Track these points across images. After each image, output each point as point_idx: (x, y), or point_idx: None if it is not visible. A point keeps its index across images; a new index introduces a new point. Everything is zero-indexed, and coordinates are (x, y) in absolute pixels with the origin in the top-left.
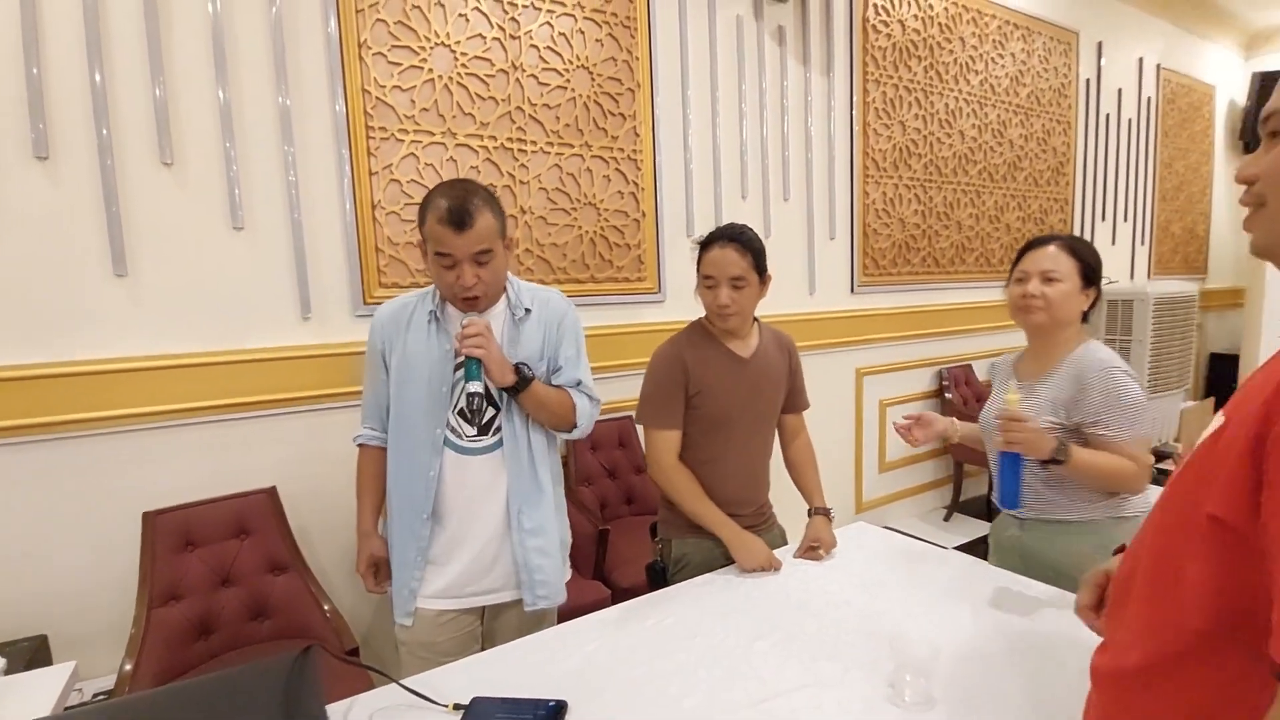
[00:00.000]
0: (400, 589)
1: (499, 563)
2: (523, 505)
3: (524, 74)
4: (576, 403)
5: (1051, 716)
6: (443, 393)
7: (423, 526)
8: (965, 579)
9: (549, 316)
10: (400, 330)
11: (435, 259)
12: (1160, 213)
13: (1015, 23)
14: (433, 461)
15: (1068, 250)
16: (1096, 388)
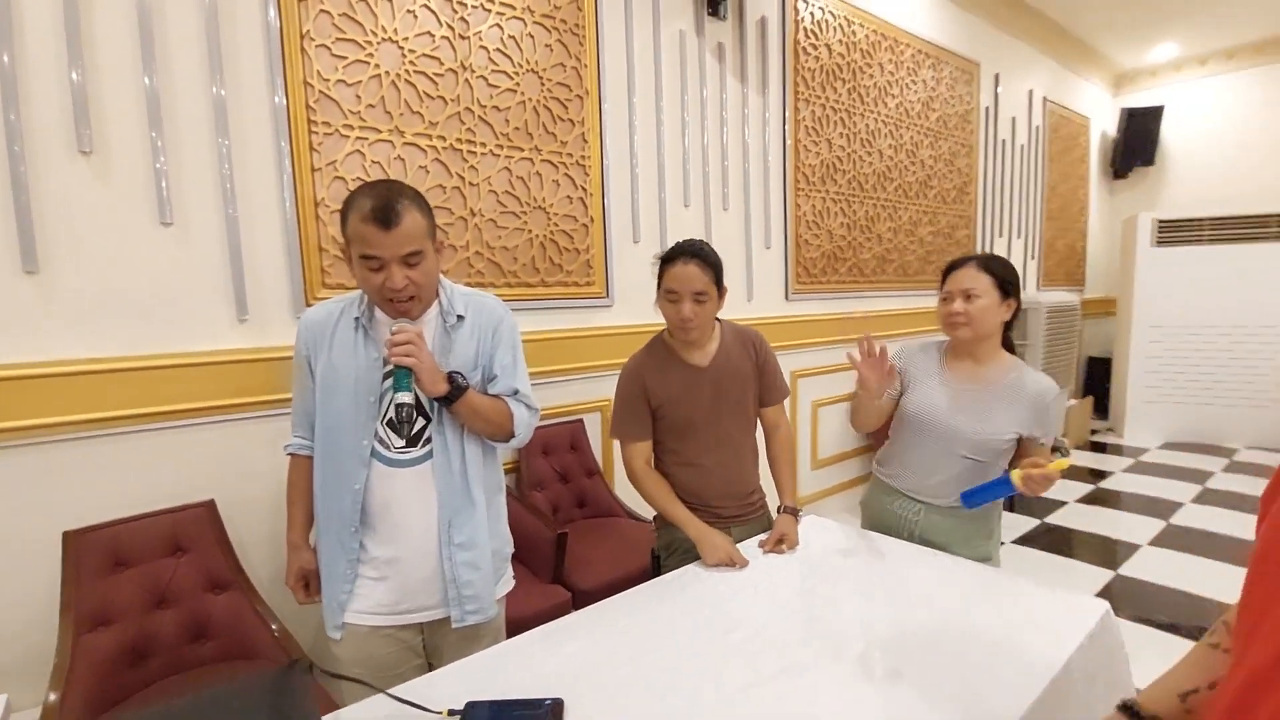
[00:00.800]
0: (329, 602)
1: (432, 578)
2: (453, 518)
3: (473, 75)
4: (514, 412)
5: (1001, 676)
6: (370, 403)
7: (351, 539)
8: (913, 562)
9: (484, 322)
10: (325, 337)
11: (361, 262)
12: (1047, 230)
13: (926, 52)
14: (359, 474)
15: (983, 268)
16: (1050, 411)
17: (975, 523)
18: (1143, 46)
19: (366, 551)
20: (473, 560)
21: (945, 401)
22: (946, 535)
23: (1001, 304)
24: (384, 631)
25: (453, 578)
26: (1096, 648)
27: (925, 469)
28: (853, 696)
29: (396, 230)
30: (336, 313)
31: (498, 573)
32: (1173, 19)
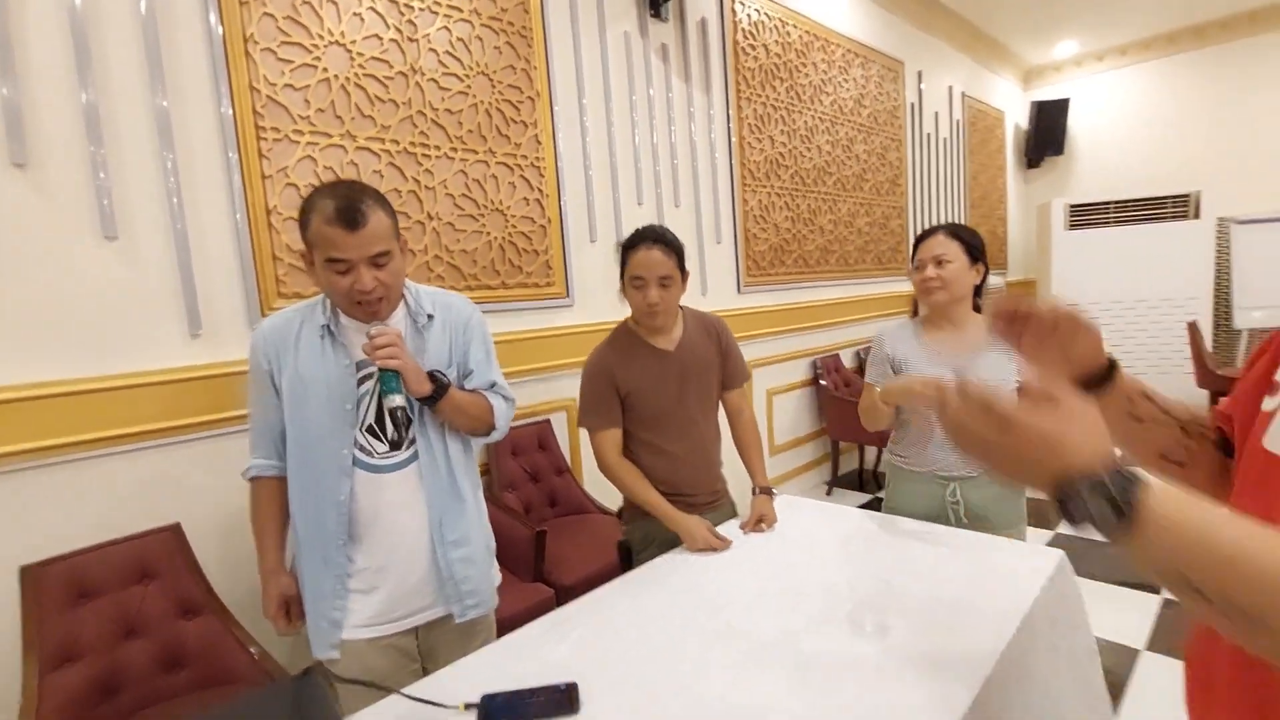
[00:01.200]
0: (318, 621)
1: (426, 579)
2: (444, 517)
3: (424, 77)
4: (493, 404)
5: (978, 622)
6: (346, 410)
7: (339, 554)
8: (881, 531)
9: (454, 320)
10: (289, 348)
11: (326, 266)
12: (971, 218)
13: (855, 51)
14: (342, 485)
15: (951, 235)
16: None
17: (1012, 496)
18: (1047, 44)
19: (354, 564)
20: (468, 555)
21: (939, 371)
22: (985, 508)
23: (971, 268)
24: (382, 642)
25: (450, 575)
26: (1056, 592)
27: (937, 444)
28: (849, 652)
29: (363, 231)
30: (297, 322)
31: (492, 567)
32: (1071, 19)
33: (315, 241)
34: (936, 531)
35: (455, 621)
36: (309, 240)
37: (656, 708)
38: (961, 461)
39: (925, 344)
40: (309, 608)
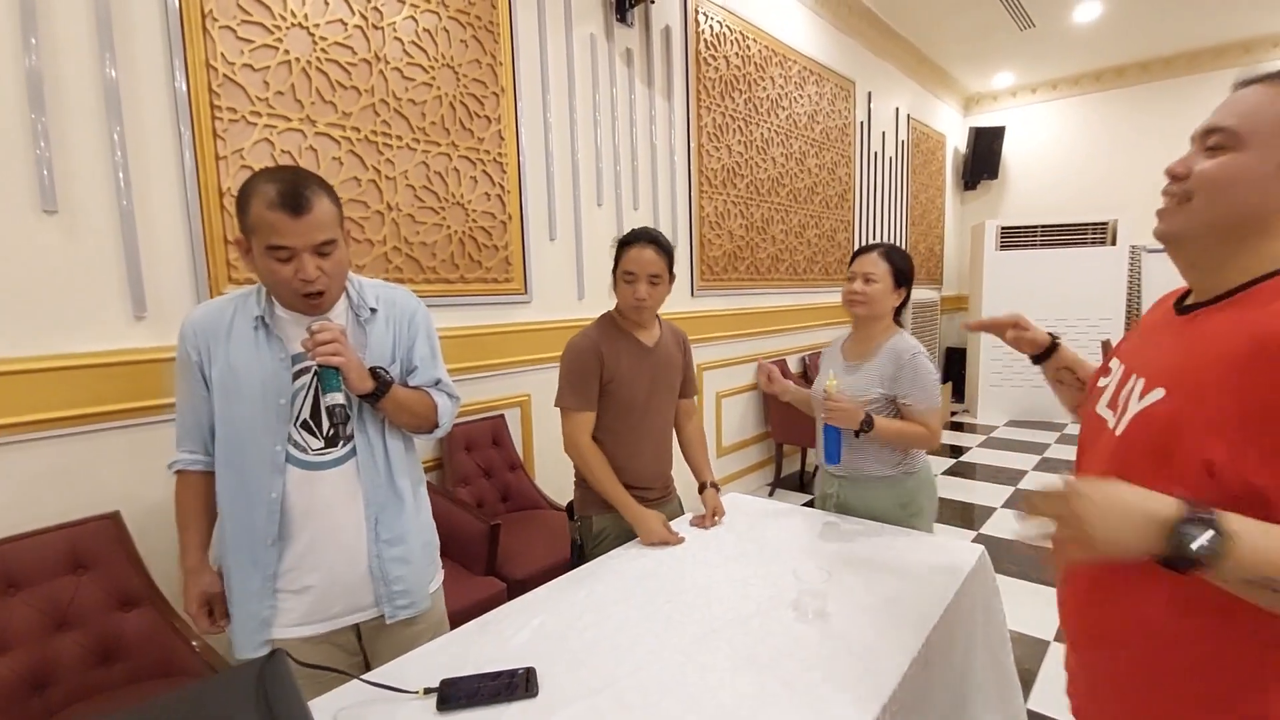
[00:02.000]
0: (245, 621)
1: (363, 578)
2: (380, 515)
3: (388, 66)
4: (438, 402)
5: (909, 607)
6: (280, 405)
7: (267, 553)
8: (823, 526)
9: (398, 315)
10: (219, 339)
11: (267, 253)
12: (911, 234)
13: (810, 69)
14: (274, 482)
15: (884, 257)
16: (906, 368)
17: (889, 495)
18: (987, 74)
19: (284, 563)
20: (402, 555)
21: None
22: (862, 506)
23: (894, 291)
24: (316, 640)
25: (382, 575)
26: (977, 582)
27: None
28: (793, 634)
29: (308, 217)
30: (229, 311)
31: (430, 565)
32: (1007, 53)
33: (255, 227)
34: (874, 528)
35: (387, 622)
36: (248, 226)
37: (613, 689)
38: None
39: (839, 354)
40: (235, 607)
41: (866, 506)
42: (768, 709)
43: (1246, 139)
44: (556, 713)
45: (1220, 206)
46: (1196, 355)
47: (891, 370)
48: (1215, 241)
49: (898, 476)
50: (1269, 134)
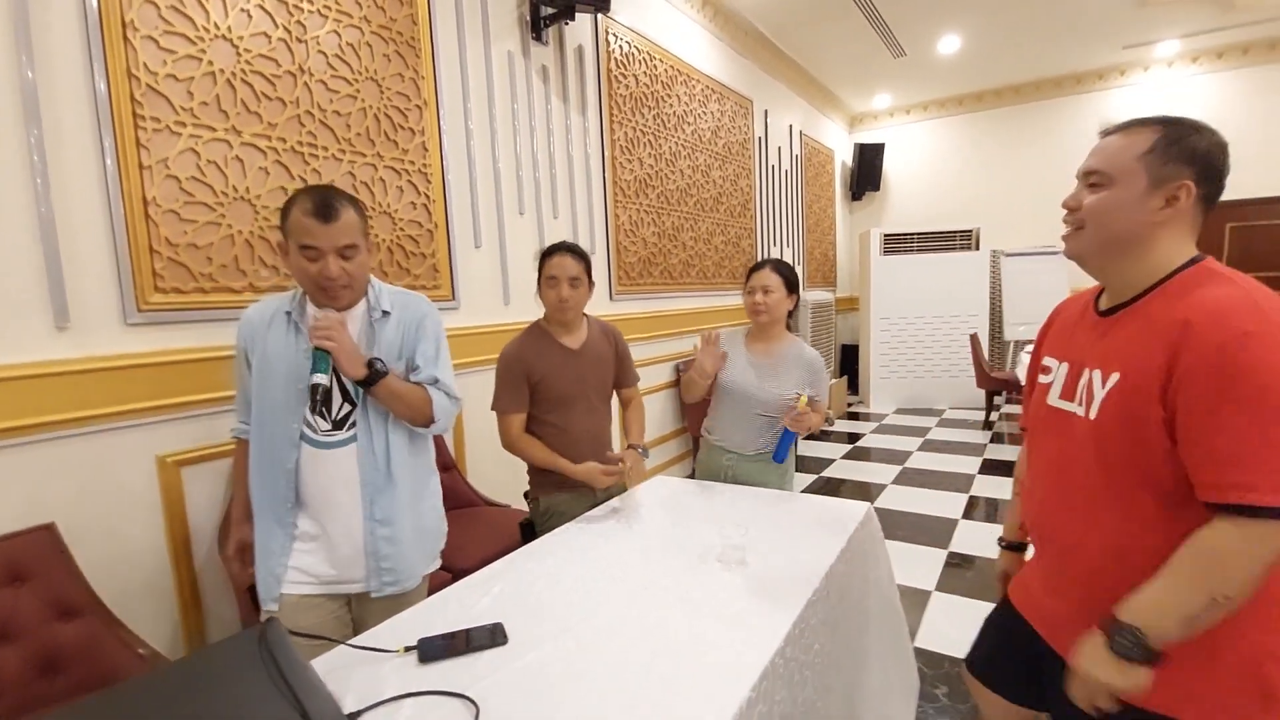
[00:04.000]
0: (265, 576)
1: (357, 553)
2: (374, 497)
3: (312, 78)
4: (434, 398)
5: (811, 554)
6: (299, 390)
7: (288, 514)
8: (736, 496)
9: (409, 318)
10: (261, 333)
11: (299, 252)
12: (807, 241)
13: (712, 87)
14: (290, 455)
15: (775, 270)
16: (820, 374)
17: (774, 471)
18: (868, 95)
19: (299, 527)
20: (391, 535)
21: (747, 374)
22: (752, 477)
23: (787, 298)
24: (313, 600)
25: (373, 550)
26: (864, 535)
27: (734, 427)
28: (720, 580)
29: (335, 224)
30: (271, 310)
31: (426, 551)
32: (884, 77)
33: (293, 230)
34: (779, 496)
35: (372, 597)
36: (288, 229)
37: (571, 633)
38: (740, 441)
39: (745, 349)
40: (259, 562)
41: (758, 477)
42: (704, 634)
43: (1116, 177)
44: (526, 655)
45: (1106, 230)
46: (1135, 341)
47: (809, 376)
48: (1111, 257)
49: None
50: (1129, 171)
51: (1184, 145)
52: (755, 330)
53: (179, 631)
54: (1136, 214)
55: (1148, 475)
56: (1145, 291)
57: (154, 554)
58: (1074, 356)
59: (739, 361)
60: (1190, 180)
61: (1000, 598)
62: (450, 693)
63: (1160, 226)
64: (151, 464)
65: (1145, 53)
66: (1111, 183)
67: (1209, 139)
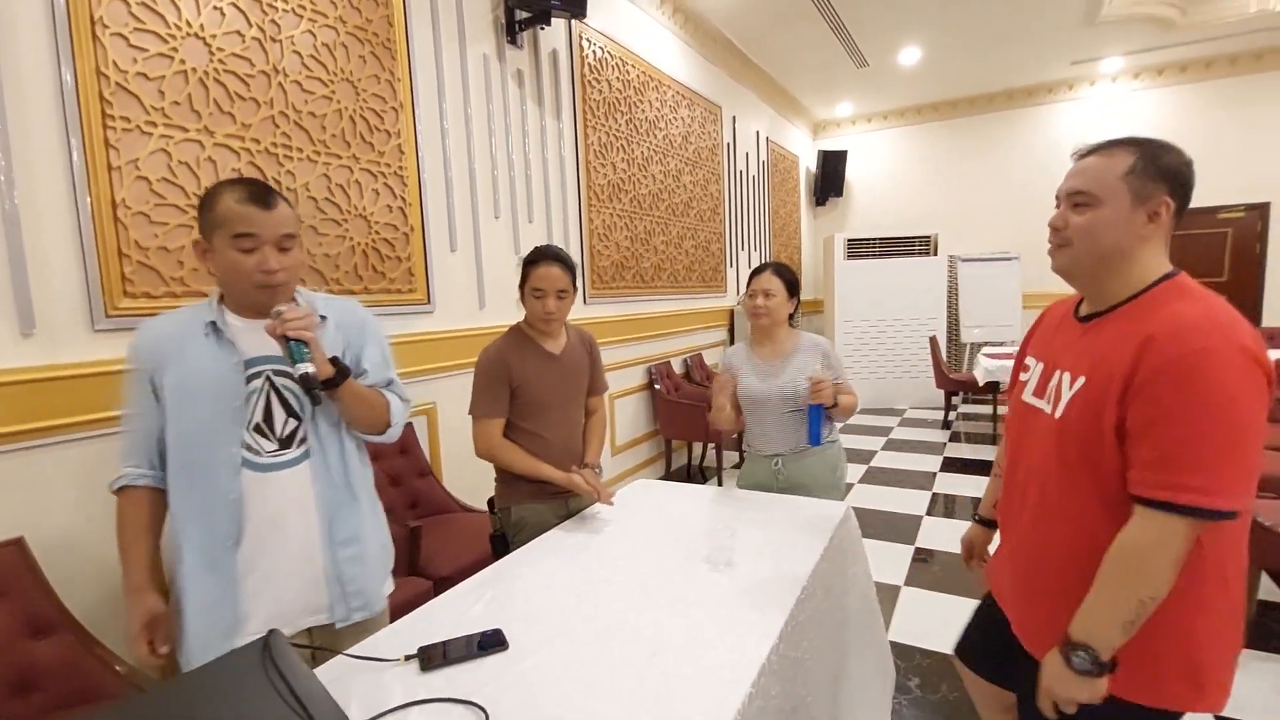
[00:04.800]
0: (206, 632)
1: (318, 581)
2: (334, 516)
3: (286, 79)
4: (390, 402)
5: (796, 552)
6: (235, 408)
7: (229, 556)
8: (718, 500)
9: (349, 322)
10: (173, 351)
11: (233, 243)
12: (773, 245)
13: (682, 93)
14: (232, 484)
15: (776, 274)
16: (832, 354)
17: (821, 463)
18: (831, 103)
19: (243, 567)
20: (357, 555)
21: (758, 380)
22: (803, 475)
23: (789, 301)
24: None
25: (337, 575)
26: (844, 533)
27: (770, 432)
28: (710, 580)
29: (276, 211)
30: (181, 324)
31: (386, 568)
32: (847, 86)
33: (225, 219)
34: (758, 498)
35: (337, 627)
36: (215, 219)
37: (568, 636)
38: (779, 442)
39: (751, 357)
40: (194, 619)
41: (809, 476)
42: (700, 634)
43: (1103, 197)
44: (527, 659)
45: (1096, 246)
46: (1105, 349)
47: (822, 360)
48: (1095, 271)
49: (827, 446)
50: (1114, 190)
51: (1160, 164)
52: (758, 335)
53: None
54: (1123, 231)
55: (1099, 477)
56: (1122, 303)
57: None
58: (1049, 357)
59: (747, 372)
60: (1168, 196)
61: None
62: (458, 699)
63: (1144, 241)
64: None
65: (1092, 68)
66: (1099, 202)
67: (1179, 157)
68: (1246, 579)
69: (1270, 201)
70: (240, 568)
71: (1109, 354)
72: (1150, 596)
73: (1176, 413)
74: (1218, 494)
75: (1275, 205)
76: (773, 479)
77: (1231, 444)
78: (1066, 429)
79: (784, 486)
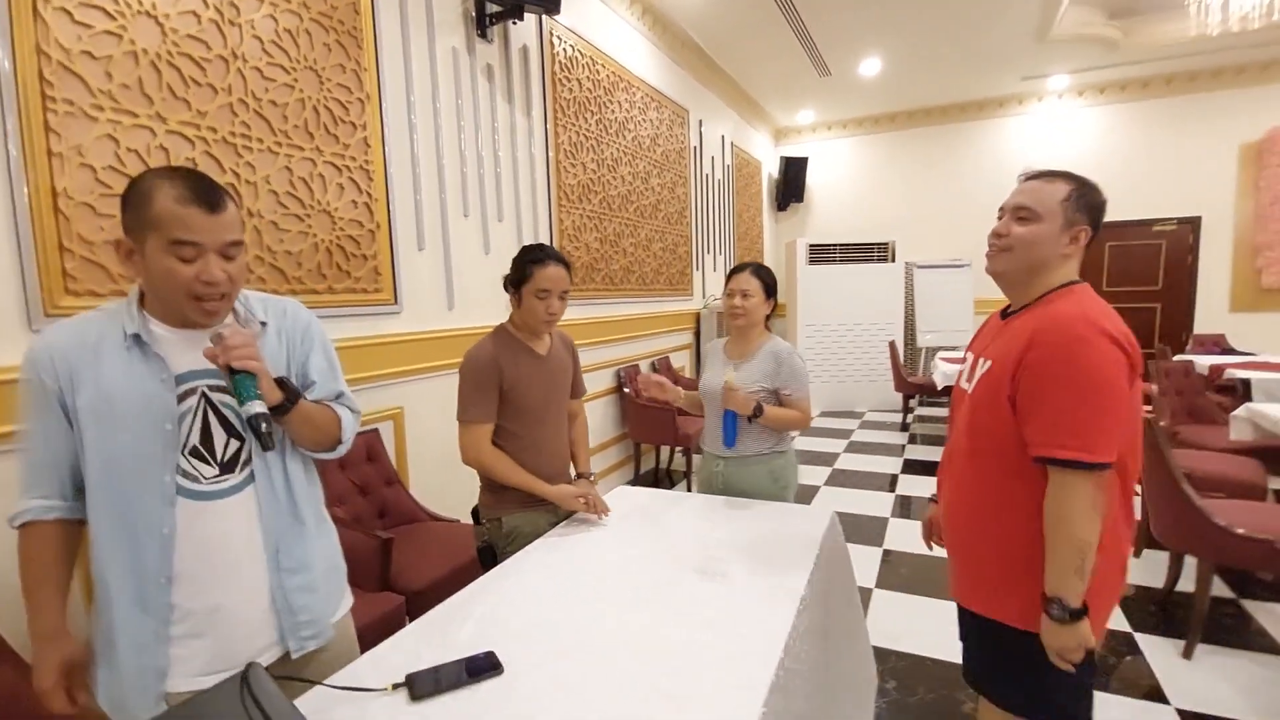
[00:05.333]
0: (136, 677)
1: (265, 614)
2: (279, 544)
3: (246, 64)
4: (340, 416)
5: (788, 557)
6: (168, 431)
7: (160, 594)
8: (704, 506)
9: (290, 327)
10: (85, 362)
11: (169, 250)
12: (738, 249)
13: (651, 95)
14: (165, 516)
15: (755, 275)
16: (785, 365)
17: (763, 471)
18: (793, 110)
19: (179, 606)
20: (307, 584)
21: (715, 376)
22: (742, 482)
23: (766, 302)
24: None
25: (286, 606)
26: (831, 537)
27: (713, 429)
28: (706, 591)
29: (221, 215)
30: (94, 329)
31: (336, 591)
32: (809, 94)
33: (161, 221)
34: (745, 504)
35: (293, 658)
36: (146, 221)
37: (566, 657)
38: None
39: (722, 353)
40: (122, 664)
41: (748, 483)
42: (704, 648)
43: (1043, 215)
44: (525, 683)
45: (1029, 255)
46: (1008, 339)
47: (773, 367)
48: (1023, 275)
49: (771, 455)
50: (1052, 212)
51: (1087, 200)
52: (734, 334)
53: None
54: (1052, 246)
55: (995, 440)
56: (1031, 303)
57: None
58: (977, 350)
59: (714, 365)
60: (1087, 226)
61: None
62: None
63: (1064, 258)
64: None
65: (1040, 84)
66: (1039, 219)
67: (1100, 197)
68: (1132, 529)
69: (1201, 215)
70: (176, 606)
71: (1011, 342)
72: (1083, 540)
73: (1058, 387)
74: (1096, 450)
75: (1206, 219)
76: (713, 481)
77: (1102, 410)
78: (976, 400)
79: (723, 489)
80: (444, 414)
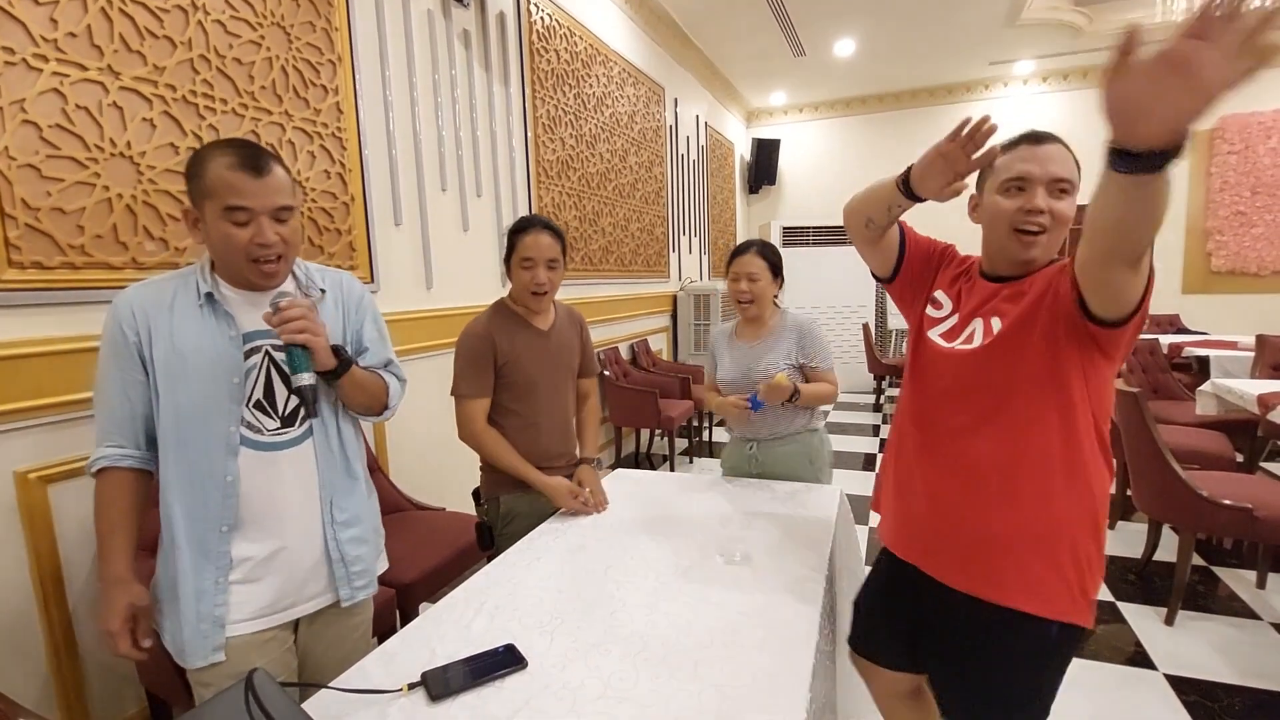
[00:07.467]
0: (197, 624)
1: (319, 563)
2: (334, 497)
3: (208, 17)
4: (388, 383)
5: (808, 539)
6: (234, 385)
7: (221, 542)
8: (710, 487)
9: (347, 298)
10: (163, 317)
11: (224, 215)
12: (712, 231)
13: (628, 71)
14: (228, 465)
15: (760, 254)
16: (808, 337)
17: (798, 451)
18: (765, 91)
19: (238, 552)
20: (359, 535)
21: (731, 364)
22: (777, 464)
23: (773, 282)
24: (265, 635)
25: (340, 557)
26: (843, 515)
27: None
28: (731, 575)
29: (269, 179)
30: (169, 290)
31: (380, 551)
32: (782, 75)
33: (214, 188)
34: (754, 483)
35: (342, 606)
36: (204, 188)
37: (599, 645)
38: (753, 428)
39: (732, 339)
40: (186, 608)
41: (783, 465)
42: (741, 632)
43: (1076, 185)
44: (553, 677)
45: (1061, 236)
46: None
47: (797, 341)
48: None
49: (805, 434)
50: (1075, 182)
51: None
52: (742, 320)
53: (50, 686)
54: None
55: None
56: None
57: (16, 591)
58: (964, 312)
59: (725, 353)
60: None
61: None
62: None
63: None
64: (9, 481)
65: (1006, 69)
66: (1075, 191)
67: None
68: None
69: None
70: (235, 552)
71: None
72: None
73: None
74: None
75: None
76: (750, 465)
77: None
78: (989, 353)
79: (759, 473)
80: (425, 400)
